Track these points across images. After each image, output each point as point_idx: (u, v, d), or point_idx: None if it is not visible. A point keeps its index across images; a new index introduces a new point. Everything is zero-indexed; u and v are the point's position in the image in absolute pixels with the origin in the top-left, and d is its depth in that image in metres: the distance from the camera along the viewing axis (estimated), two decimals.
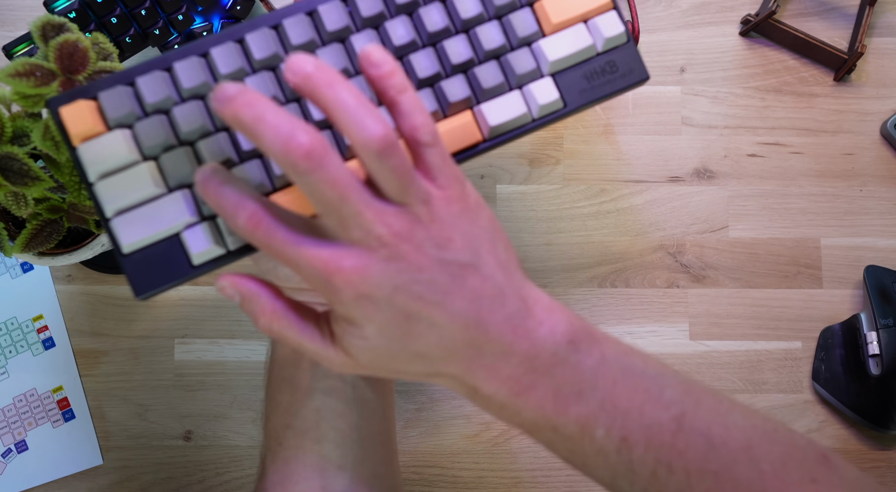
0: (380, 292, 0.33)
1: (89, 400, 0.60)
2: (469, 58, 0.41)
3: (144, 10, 0.55)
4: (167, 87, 0.38)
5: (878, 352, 0.57)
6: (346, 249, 0.34)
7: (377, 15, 0.40)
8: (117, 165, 0.38)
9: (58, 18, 0.43)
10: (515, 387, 0.36)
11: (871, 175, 0.62)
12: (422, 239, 0.34)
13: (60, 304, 0.61)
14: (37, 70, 0.41)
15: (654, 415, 0.36)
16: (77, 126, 0.38)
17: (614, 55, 0.43)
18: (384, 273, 0.33)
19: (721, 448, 0.36)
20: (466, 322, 0.35)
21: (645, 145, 0.62)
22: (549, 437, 0.37)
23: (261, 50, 0.39)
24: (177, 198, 0.38)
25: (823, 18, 0.64)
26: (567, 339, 0.36)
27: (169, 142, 0.38)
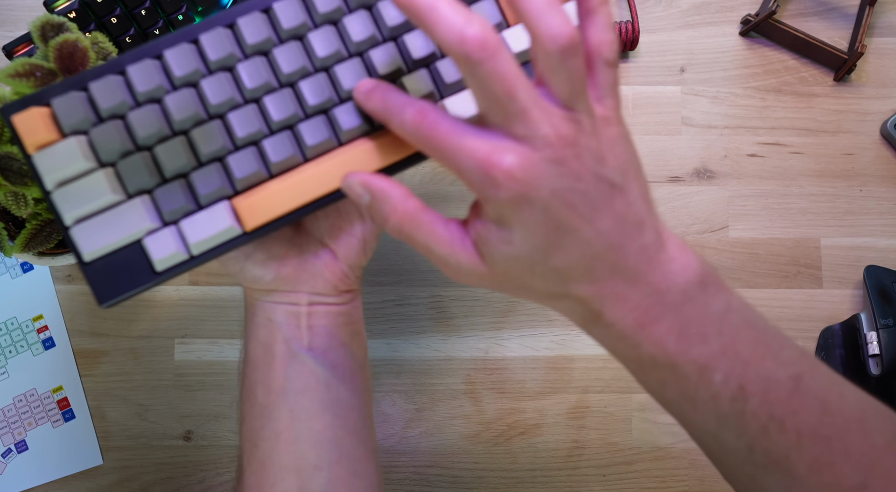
0: (538, 194, 0.33)
1: (89, 400, 0.60)
2: (431, 52, 0.39)
3: (144, 10, 0.55)
4: (121, 91, 0.37)
5: (878, 352, 0.57)
6: (509, 143, 0.33)
7: (334, 10, 0.39)
8: (74, 173, 0.37)
9: (58, 18, 0.43)
10: (641, 318, 0.35)
11: (871, 175, 0.62)
12: (583, 148, 0.34)
13: (60, 304, 0.61)
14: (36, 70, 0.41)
15: (774, 370, 0.35)
16: (31, 134, 0.37)
17: None
18: (545, 174, 0.33)
19: (836, 414, 0.35)
20: (610, 243, 0.34)
21: (645, 145, 0.62)
22: (663, 376, 0.36)
23: (216, 51, 0.38)
24: (136, 204, 0.38)
25: (823, 18, 0.64)
26: (698, 279, 0.35)
27: (126, 147, 0.38)
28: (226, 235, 0.39)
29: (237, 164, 0.38)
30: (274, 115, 0.38)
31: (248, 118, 0.38)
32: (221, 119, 0.38)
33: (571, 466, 0.60)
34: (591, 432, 0.60)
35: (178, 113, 0.38)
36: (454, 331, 0.61)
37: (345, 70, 0.38)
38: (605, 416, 0.60)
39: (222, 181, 0.38)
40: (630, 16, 0.62)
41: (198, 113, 0.38)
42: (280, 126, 0.39)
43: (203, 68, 0.38)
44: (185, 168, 0.38)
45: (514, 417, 0.60)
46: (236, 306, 0.61)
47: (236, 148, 0.39)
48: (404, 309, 0.61)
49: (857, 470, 0.34)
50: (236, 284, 0.61)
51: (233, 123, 0.38)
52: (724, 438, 0.36)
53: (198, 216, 0.38)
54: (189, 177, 0.38)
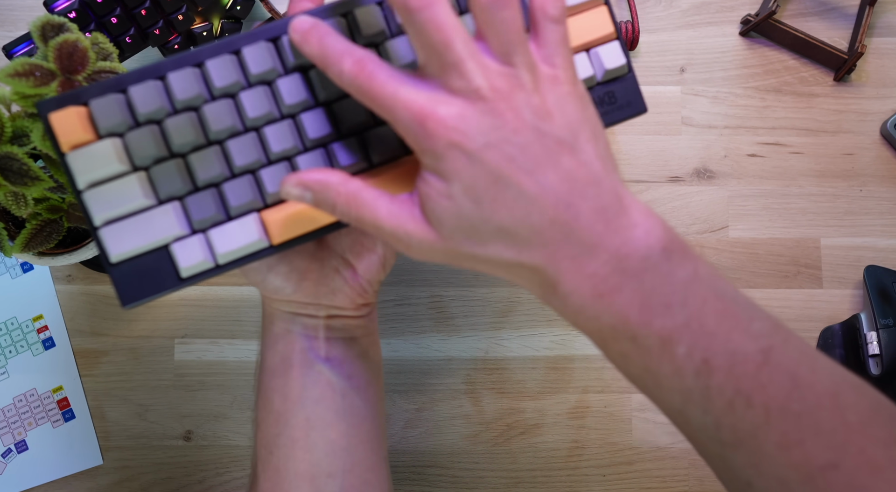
0: (472, 144, 0.32)
1: (89, 400, 0.60)
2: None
3: (144, 10, 0.55)
4: (160, 97, 0.38)
5: (878, 352, 0.57)
6: (444, 95, 0.33)
7: (378, 33, 0.39)
8: (107, 175, 0.37)
9: (58, 18, 0.43)
10: (600, 287, 0.33)
11: (871, 175, 0.62)
12: (521, 103, 0.33)
13: (60, 304, 0.61)
14: (36, 70, 0.41)
15: (741, 343, 0.33)
16: (67, 133, 0.37)
17: (614, 86, 0.42)
18: (479, 125, 0.32)
19: (807, 390, 0.33)
20: (557, 199, 0.33)
21: (645, 145, 0.62)
22: (624, 348, 0.34)
23: (258, 64, 0.38)
24: (167, 210, 0.38)
25: (823, 18, 0.64)
26: (662, 246, 0.33)
27: (160, 153, 0.38)
28: (253, 248, 0.39)
29: (270, 178, 0.39)
30: (309, 133, 0.39)
31: (284, 134, 0.39)
32: (257, 132, 0.39)
33: (571, 466, 0.60)
34: (591, 432, 0.60)
35: (215, 123, 0.38)
36: (454, 331, 0.61)
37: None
38: (605, 416, 0.60)
39: (254, 194, 0.39)
40: (630, 16, 0.62)
41: (235, 125, 0.38)
42: (314, 144, 0.39)
43: (244, 81, 0.39)
44: (217, 178, 0.38)
45: (514, 417, 0.60)
46: (236, 306, 0.61)
47: (269, 162, 0.39)
48: (404, 309, 0.61)
49: (828, 449, 0.32)
50: (236, 285, 0.61)
51: (269, 138, 0.39)
52: (691, 414, 0.34)
53: (227, 227, 0.39)
54: (221, 187, 0.39)
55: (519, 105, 0.33)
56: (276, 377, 0.44)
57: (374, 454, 0.45)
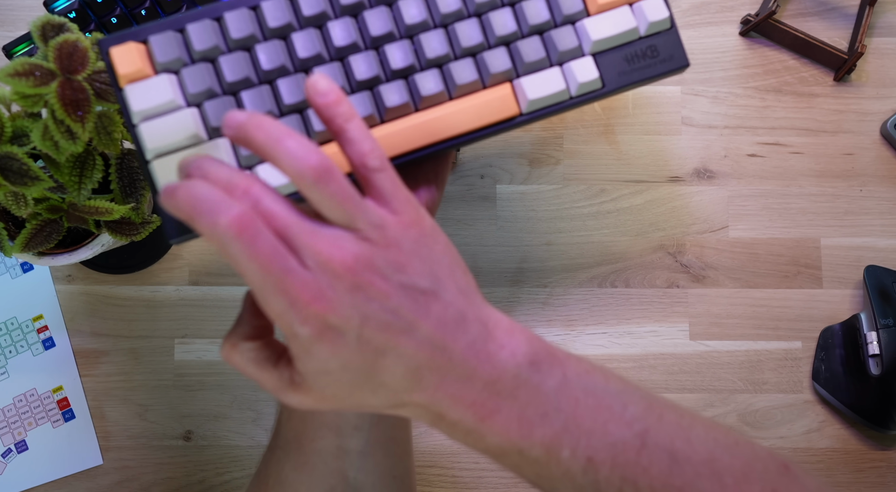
0: (349, 324, 0.33)
1: (89, 400, 0.60)
2: (513, 31, 0.41)
3: (144, 10, 0.55)
4: (216, 35, 0.39)
5: (878, 352, 0.57)
6: (309, 278, 0.32)
7: None
8: (161, 109, 0.38)
9: (58, 18, 0.43)
10: (480, 412, 0.35)
11: (871, 175, 0.62)
12: (381, 264, 0.34)
13: (60, 304, 0.61)
14: (36, 70, 0.41)
15: (618, 433, 0.36)
16: (125, 67, 0.38)
17: (656, 40, 0.43)
18: (351, 303, 0.33)
19: (684, 463, 0.36)
20: (433, 349, 0.34)
21: (645, 145, 0.62)
22: (515, 461, 0.36)
23: (309, 7, 0.40)
24: (217, 145, 0.39)
25: (823, 18, 0.64)
26: (528, 360, 0.36)
27: (213, 90, 0.39)
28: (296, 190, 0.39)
29: (317, 118, 0.39)
30: (357, 74, 0.40)
31: (332, 75, 0.40)
32: (305, 73, 0.40)
33: None
34: None
35: (266, 62, 0.39)
36: None
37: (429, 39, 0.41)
38: None
39: (301, 132, 0.39)
40: None
41: (285, 65, 0.39)
42: (361, 85, 0.40)
43: (295, 22, 0.40)
44: (271, 114, 0.39)
45: None
46: (236, 306, 0.61)
47: None
48: None
49: None
50: (236, 285, 0.61)
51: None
52: None
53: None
54: None
55: (380, 267, 0.34)
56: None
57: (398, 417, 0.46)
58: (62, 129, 0.42)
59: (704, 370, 0.61)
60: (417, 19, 0.41)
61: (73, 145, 0.42)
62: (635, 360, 0.61)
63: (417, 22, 0.41)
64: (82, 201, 0.47)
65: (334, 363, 0.33)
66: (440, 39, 0.41)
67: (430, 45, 0.41)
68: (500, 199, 0.62)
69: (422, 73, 0.41)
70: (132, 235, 0.51)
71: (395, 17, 0.41)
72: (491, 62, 0.41)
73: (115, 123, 0.45)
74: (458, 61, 0.41)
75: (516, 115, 0.42)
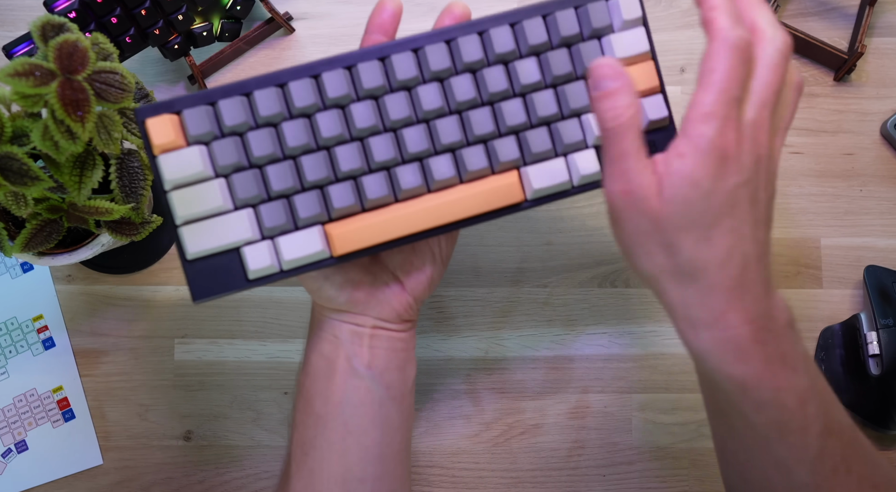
0: (742, 172, 0.36)
1: (89, 400, 0.60)
2: (523, 121, 0.44)
3: (144, 10, 0.55)
4: (245, 112, 0.42)
5: (878, 352, 0.57)
6: (744, 117, 0.37)
7: (444, 70, 0.43)
8: (191, 178, 0.41)
9: (58, 18, 0.43)
10: (759, 335, 0.36)
11: (871, 175, 0.62)
12: (763, 174, 0.37)
13: (60, 304, 0.61)
14: (36, 70, 0.41)
15: (843, 415, 0.38)
16: (160, 137, 0.41)
17: (655, 136, 0.45)
18: (751, 163, 0.36)
19: (883, 466, 0.40)
20: (757, 257, 0.36)
21: None
22: (764, 398, 0.36)
23: (334, 89, 0.42)
24: (242, 216, 0.42)
25: (823, 18, 0.64)
26: (792, 320, 0.38)
27: (240, 163, 0.42)
28: (316, 257, 0.43)
29: (337, 194, 0.42)
30: (376, 156, 0.43)
31: (353, 155, 0.43)
32: (328, 151, 0.43)
33: (571, 466, 0.60)
34: (591, 432, 0.60)
35: (291, 140, 0.42)
36: (454, 331, 0.61)
37: (444, 125, 0.43)
38: (605, 416, 0.60)
39: (321, 208, 0.43)
40: None
41: (308, 143, 0.42)
42: (379, 166, 0.43)
43: (320, 103, 0.42)
44: (289, 190, 0.42)
45: (514, 417, 0.60)
46: (236, 306, 0.61)
47: (337, 180, 0.43)
48: None
49: None
50: None
51: (338, 157, 0.42)
52: (797, 473, 0.37)
53: (294, 236, 0.43)
54: (291, 199, 0.43)
55: (771, 170, 0.38)
56: (318, 380, 0.46)
57: (401, 465, 0.48)
58: (62, 129, 0.42)
59: None
60: (434, 106, 0.43)
61: (73, 145, 0.42)
62: (635, 360, 0.61)
63: (434, 108, 0.43)
64: (82, 201, 0.47)
65: (707, 184, 0.35)
66: (455, 126, 0.43)
67: (445, 130, 0.43)
68: None
69: (436, 157, 0.43)
70: (132, 235, 0.51)
71: (413, 102, 0.43)
72: (501, 150, 0.44)
73: (115, 123, 0.45)
74: (471, 148, 0.44)
75: (521, 201, 0.45)
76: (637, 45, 0.44)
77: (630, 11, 0.44)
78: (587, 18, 0.44)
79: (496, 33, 0.43)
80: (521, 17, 0.43)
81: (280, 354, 0.61)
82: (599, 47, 0.44)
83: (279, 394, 0.60)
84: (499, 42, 0.43)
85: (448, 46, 0.43)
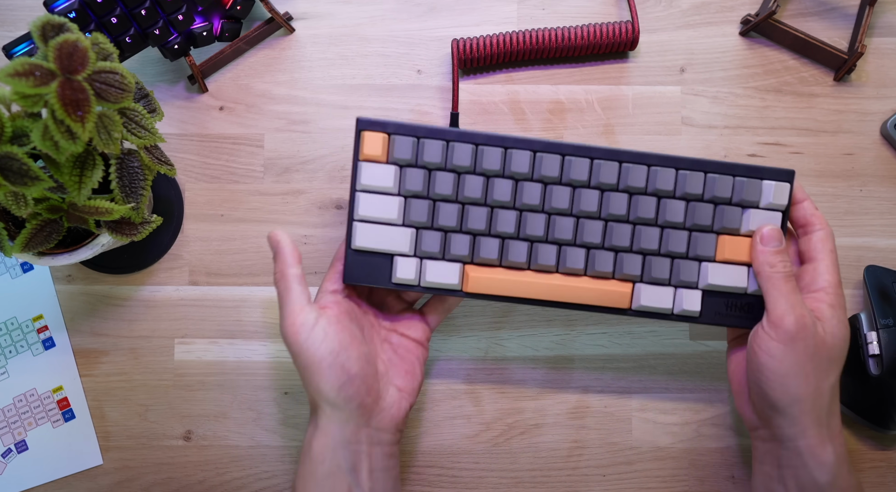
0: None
1: (89, 400, 0.60)
2: (654, 248, 0.52)
3: (144, 10, 0.55)
4: (442, 155, 0.51)
5: (878, 352, 0.57)
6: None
7: (609, 184, 0.52)
8: (380, 189, 0.51)
9: (58, 18, 0.43)
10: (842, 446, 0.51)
11: (871, 175, 0.62)
12: None
13: (60, 304, 0.61)
14: (36, 70, 0.41)
15: None
16: (369, 149, 0.51)
17: (754, 299, 0.53)
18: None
19: None
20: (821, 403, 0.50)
21: (645, 145, 0.62)
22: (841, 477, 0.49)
23: (519, 165, 0.51)
24: (406, 233, 0.51)
25: (823, 18, 0.64)
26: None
27: (422, 192, 0.51)
28: (450, 286, 0.52)
29: (485, 246, 0.52)
30: (528, 229, 0.52)
31: (510, 221, 0.51)
32: (492, 210, 0.52)
33: (571, 466, 0.60)
34: (591, 432, 0.60)
35: (469, 191, 0.51)
36: (454, 331, 0.61)
37: (591, 226, 0.52)
38: (605, 416, 0.60)
39: (468, 251, 0.52)
40: (630, 16, 0.62)
41: (480, 198, 0.51)
42: (527, 237, 0.52)
43: (502, 171, 0.51)
44: (450, 228, 0.52)
45: (514, 417, 0.60)
46: (236, 306, 0.61)
47: (490, 235, 0.52)
48: None
49: None
50: (236, 285, 0.61)
51: (499, 218, 0.51)
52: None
53: (440, 264, 0.52)
54: (449, 235, 0.52)
55: None
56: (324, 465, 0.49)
57: None
58: (62, 129, 0.42)
59: (704, 370, 0.61)
60: (590, 208, 0.52)
61: (73, 145, 0.42)
62: (635, 360, 0.61)
63: (589, 210, 0.52)
64: (82, 201, 0.47)
65: (845, 334, 0.51)
66: (599, 230, 0.52)
67: (591, 231, 0.52)
68: None
69: (574, 248, 0.52)
70: (132, 235, 0.51)
71: (574, 198, 0.52)
72: (627, 264, 0.52)
73: (115, 123, 0.45)
74: (604, 252, 0.52)
75: (626, 308, 0.53)
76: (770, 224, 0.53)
77: (778, 197, 0.52)
78: (741, 189, 0.52)
79: (662, 172, 0.52)
80: (685, 165, 0.52)
81: (280, 354, 0.61)
82: (740, 214, 0.52)
83: (279, 394, 0.60)
84: (662, 179, 0.52)
85: (619, 166, 0.52)
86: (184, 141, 0.62)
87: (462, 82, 0.63)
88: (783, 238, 0.51)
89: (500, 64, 0.63)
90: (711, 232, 0.52)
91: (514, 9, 0.63)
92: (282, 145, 0.62)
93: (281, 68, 0.63)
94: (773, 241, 0.51)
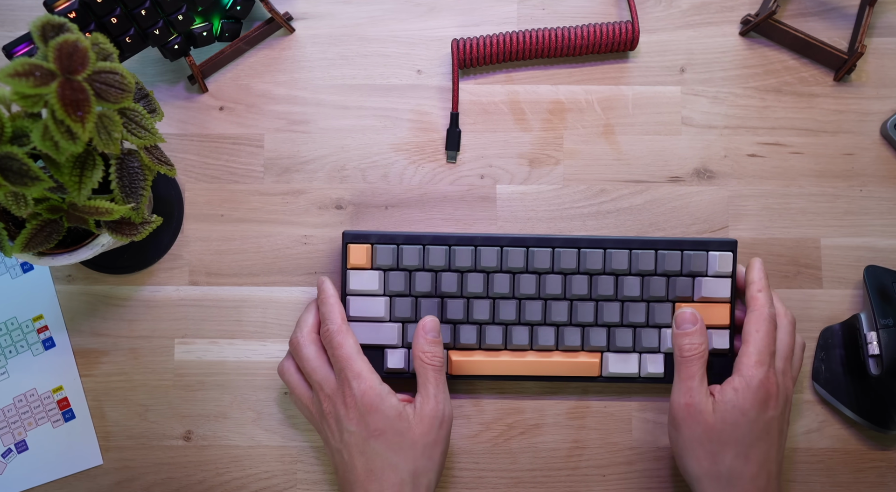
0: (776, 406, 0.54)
1: (89, 400, 0.60)
2: (616, 321, 0.58)
3: (144, 10, 0.55)
4: (418, 257, 0.57)
5: (878, 352, 0.57)
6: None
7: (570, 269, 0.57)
8: (367, 292, 0.57)
9: (58, 18, 0.43)
10: None
11: (871, 175, 0.62)
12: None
13: (60, 304, 0.61)
14: (36, 70, 0.41)
15: None
16: (354, 259, 0.57)
17: (715, 360, 0.58)
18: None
19: None
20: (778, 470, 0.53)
21: (645, 145, 0.62)
22: None
23: (487, 260, 0.57)
24: (394, 328, 0.57)
25: (823, 18, 0.64)
26: None
27: (404, 291, 0.57)
28: None
29: (465, 333, 0.58)
30: (502, 314, 0.58)
31: (485, 309, 0.58)
32: (467, 300, 0.58)
33: (571, 466, 0.60)
34: (591, 432, 0.60)
35: (445, 286, 0.57)
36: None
37: (558, 307, 0.58)
38: (605, 416, 0.60)
39: (450, 338, 0.58)
40: (630, 16, 0.62)
41: (456, 291, 0.58)
42: (501, 322, 0.58)
43: (473, 266, 0.58)
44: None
45: (514, 417, 0.60)
46: (236, 306, 0.61)
47: (468, 322, 0.58)
48: None
49: None
50: (236, 285, 0.61)
51: (474, 307, 0.58)
52: None
53: None
54: None
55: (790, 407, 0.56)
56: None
57: None
58: (62, 129, 0.42)
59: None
60: (555, 292, 0.57)
61: (73, 145, 0.42)
62: None
63: (555, 293, 0.57)
64: (82, 201, 0.47)
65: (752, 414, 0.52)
66: (565, 310, 0.58)
67: (558, 312, 0.58)
68: (500, 199, 0.62)
69: (545, 327, 0.58)
70: (132, 235, 0.51)
71: (540, 284, 0.58)
72: (594, 337, 0.58)
73: (115, 123, 0.45)
74: (573, 328, 0.58)
75: (596, 376, 0.58)
76: (720, 292, 0.58)
77: (723, 266, 0.58)
78: (689, 261, 0.58)
79: (616, 254, 0.57)
80: (637, 245, 0.58)
81: (280, 354, 0.61)
82: (691, 283, 0.58)
83: (279, 394, 0.60)
84: (617, 260, 0.57)
85: (578, 252, 0.57)
86: (184, 141, 0.62)
87: (462, 82, 0.63)
88: (698, 319, 0.55)
89: (500, 64, 0.63)
90: (667, 301, 0.58)
91: (514, 9, 0.63)
92: (282, 145, 0.62)
93: (281, 68, 0.63)
94: (684, 323, 0.55)
